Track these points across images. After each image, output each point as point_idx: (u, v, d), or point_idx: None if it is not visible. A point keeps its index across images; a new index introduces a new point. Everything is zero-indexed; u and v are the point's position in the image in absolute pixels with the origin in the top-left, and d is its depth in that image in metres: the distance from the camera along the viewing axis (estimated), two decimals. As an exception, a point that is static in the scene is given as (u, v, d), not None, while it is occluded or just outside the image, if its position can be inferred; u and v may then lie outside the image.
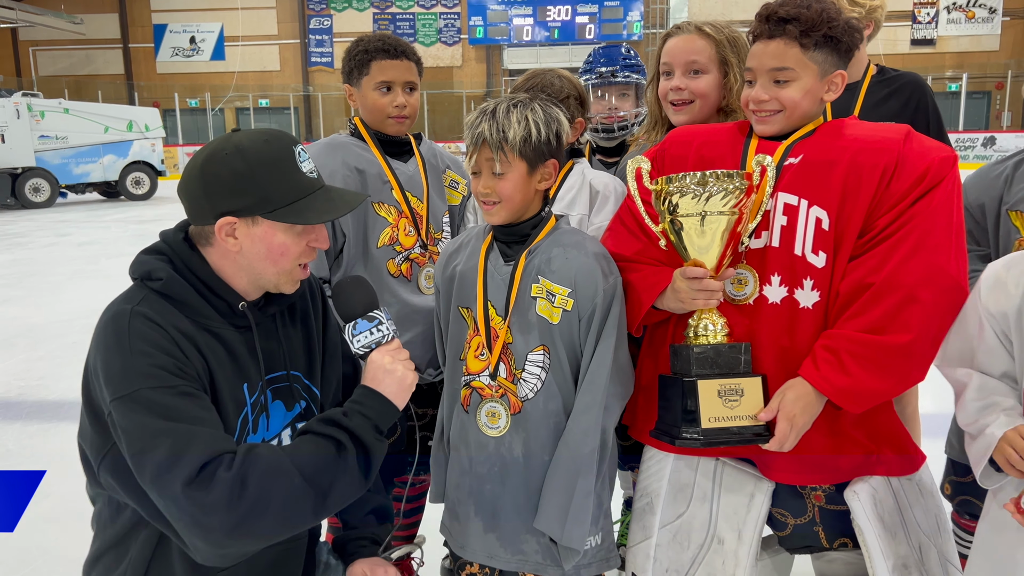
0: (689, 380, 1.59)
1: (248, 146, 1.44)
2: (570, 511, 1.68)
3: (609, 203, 2.15)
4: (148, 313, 1.40)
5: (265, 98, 27.73)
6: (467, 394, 1.79)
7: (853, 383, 1.55)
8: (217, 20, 27.89)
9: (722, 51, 2.07)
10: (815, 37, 1.62)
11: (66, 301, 7.41)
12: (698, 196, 1.56)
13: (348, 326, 1.57)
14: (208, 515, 1.28)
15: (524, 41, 26.88)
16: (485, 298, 1.75)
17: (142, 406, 1.31)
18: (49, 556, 2.96)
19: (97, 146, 18.37)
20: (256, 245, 1.46)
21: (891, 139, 1.64)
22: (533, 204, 1.75)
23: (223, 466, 1.30)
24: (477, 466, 1.78)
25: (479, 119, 1.69)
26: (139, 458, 1.31)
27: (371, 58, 2.20)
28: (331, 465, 1.40)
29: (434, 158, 2.41)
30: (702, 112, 2.10)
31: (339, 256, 2.22)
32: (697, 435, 1.57)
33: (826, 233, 1.62)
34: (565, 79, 2.25)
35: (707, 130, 1.85)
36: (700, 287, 1.60)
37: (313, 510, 1.38)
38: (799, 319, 1.64)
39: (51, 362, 5.57)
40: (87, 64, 28.14)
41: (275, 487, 1.32)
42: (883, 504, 1.65)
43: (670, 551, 1.77)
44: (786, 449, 1.58)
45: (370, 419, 1.47)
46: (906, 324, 1.54)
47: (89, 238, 12.16)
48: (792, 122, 1.70)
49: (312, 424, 1.45)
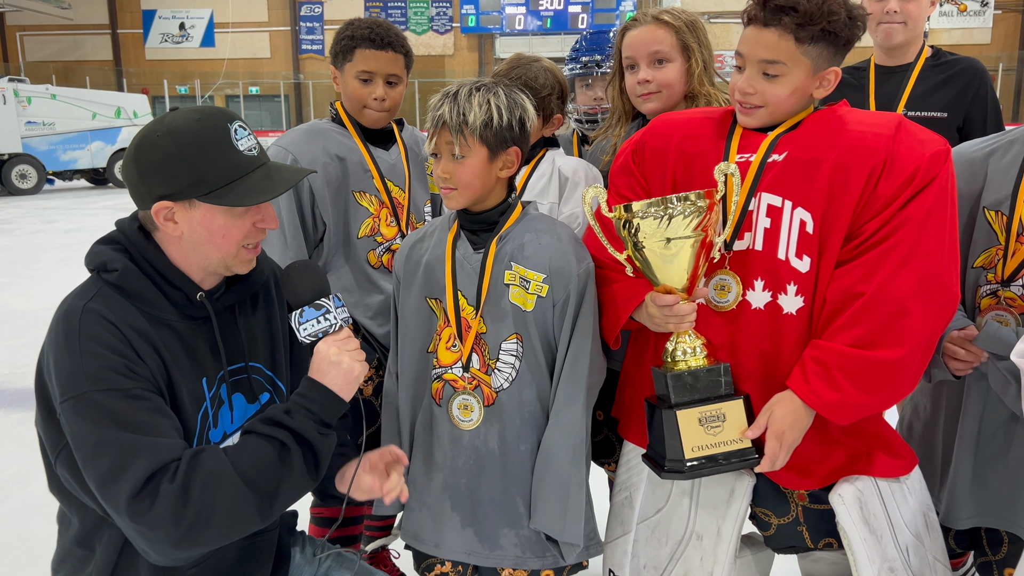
0: (668, 411, 1.55)
1: (180, 126, 1.38)
2: (568, 507, 1.67)
3: (579, 189, 2.12)
4: (100, 310, 1.36)
5: (255, 85, 27.53)
6: (439, 387, 1.75)
7: (843, 398, 1.51)
8: (207, 6, 27.65)
9: (683, 37, 2.05)
10: (812, 31, 1.52)
11: (52, 288, 7.29)
12: (659, 219, 1.49)
13: (295, 314, 1.47)
14: (153, 529, 1.26)
15: (516, 30, 26.74)
16: (455, 288, 1.71)
17: (90, 410, 1.29)
18: (30, 545, 2.94)
19: (85, 132, 18.20)
20: (197, 229, 1.41)
21: (880, 135, 1.56)
22: (496, 191, 1.71)
23: (167, 478, 1.28)
24: (451, 460, 1.75)
25: (440, 101, 1.65)
26: (85, 465, 1.30)
27: (356, 45, 2.16)
28: (275, 467, 1.35)
29: (417, 146, 2.38)
30: (670, 99, 2.08)
31: (319, 245, 2.20)
32: (680, 467, 1.54)
33: (810, 236, 1.56)
34: (550, 73, 2.21)
35: (689, 120, 1.77)
36: (671, 313, 1.56)
37: (259, 514, 1.35)
38: (783, 325, 1.59)
39: (35, 350, 5.40)
40: (75, 50, 27.87)
41: (219, 495, 1.30)
42: (868, 506, 1.62)
43: (648, 547, 1.75)
44: (777, 467, 1.54)
45: (314, 414, 1.40)
46: (898, 338, 1.49)
47: (76, 225, 12.06)
48: (776, 118, 1.63)
49: (255, 424, 1.39)
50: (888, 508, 1.64)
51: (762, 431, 1.54)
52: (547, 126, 2.22)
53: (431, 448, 1.78)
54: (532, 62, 2.23)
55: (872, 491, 1.63)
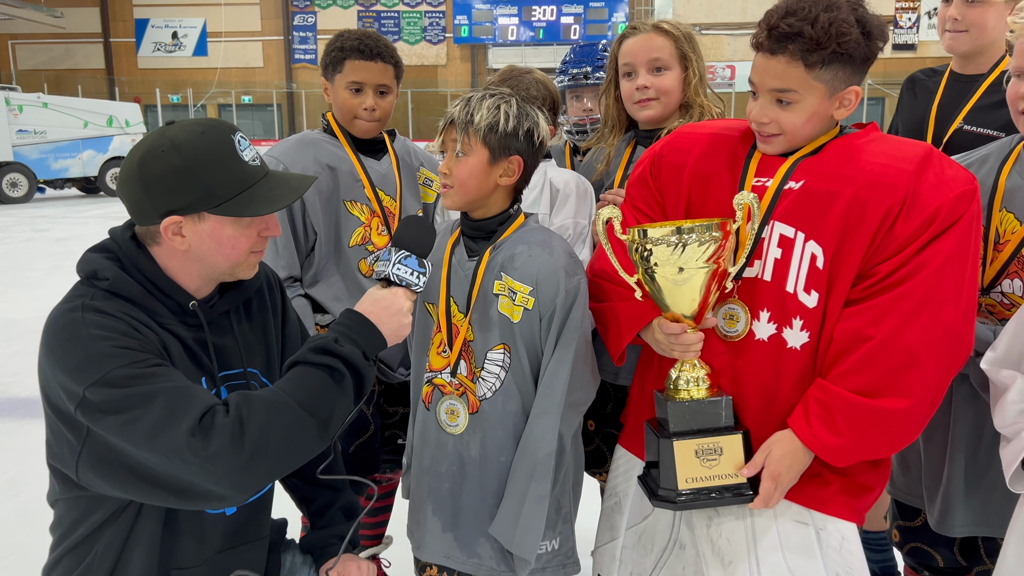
0: (665, 440, 1.54)
1: (184, 140, 1.38)
2: (520, 518, 1.66)
3: (570, 201, 2.14)
4: (100, 307, 1.36)
5: (248, 94, 27.52)
6: (429, 391, 1.78)
7: (844, 444, 1.48)
8: (200, 15, 27.65)
9: (681, 47, 2.09)
10: (822, 55, 1.43)
11: (43, 297, 7.26)
12: (673, 246, 1.46)
13: (398, 253, 1.51)
14: (215, 461, 1.27)
15: (509, 41, 26.83)
16: (448, 293, 1.73)
17: (120, 382, 1.28)
18: (21, 553, 2.93)
19: (76, 141, 18.15)
20: (205, 241, 1.42)
21: (903, 170, 1.47)
22: (496, 199, 1.72)
23: (220, 414, 1.29)
24: (437, 464, 1.77)
25: (457, 103, 1.70)
26: (133, 425, 1.27)
27: (345, 56, 2.19)
28: (329, 391, 1.37)
29: (408, 156, 2.40)
30: (667, 108, 2.11)
31: (310, 254, 2.21)
32: (672, 497, 1.53)
33: (820, 272, 1.50)
34: (540, 84, 2.24)
35: (708, 138, 1.70)
36: (676, 342, 1.54)
37: (319, 436, 1.37)
38: (786, 359, 1.55)
39: (25, 358, 5.46)
40: (67, 58, 27.81)
41: (276, 421, 1.31)
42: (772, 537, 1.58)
43: (635, 554, 1.75)
44: (771, 507, 1.52)
45: (359, 345, 1.43)
46: (905, 389, 1.44)
47: (67, 234, 12.02)
48: (795, 144, 1.56)
49: (303, 355, 1.41)
50: (787, 557, 1.57)
51: (758, 470, 1.52)
52: None
53: (421, 450, 1.80)
54: (523, 74, 2.26)
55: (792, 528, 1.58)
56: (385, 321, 1.47)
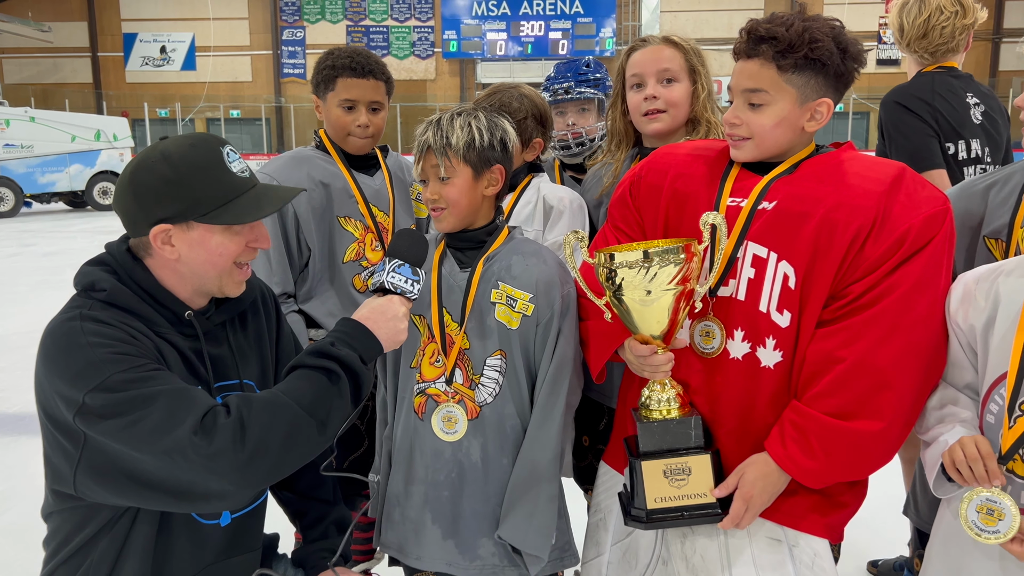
0: (634, 459, 1.56)
1: (174, 151, 1.44)
2: (535, 519, 1.71)
3: (564, 218, 2.17)
4: (98, 316, 1.39)
5: (236, 109, 27.51)
6: (421, 402, 1.79)
7: (819, 466, 1.49)
8: (189, 30, 27.65)
9: (690, 60, 2.09)
10: (793, 59, 1.49)
11: (29, 312, 7.28)
12: (639, 269, 1.47)
13: (393, 261, 1.57)
14: (216, 459, 1.29)
15: (498, 56, 26.96)
16: (440, 305, 1.77)
17: (119, 386, 1.31)
18: (10, 570, 2.91)
19: (64, 155, 18.11)
20: (194, 250, 1.46)
21: (872, 191, 1.49)
22: (483, 211, 1.77)
23: (221, 414, 1.32)
24: (434, 474, 1.78)
25: (425, 128, 1.73)
26: (134, 428, 1.29)
27: (337, 75, 2.20)
28: (327, 393, 1.41)
29: (401, 171, 2.42)
30: (675, 121, 2.10)
31: (304, 270, 2.22)
32: (642, 516, 1.56)
33: (792, 292, 1.51)
34: (526, 98, 2.25)
35: (686, 158, 1.72)
36: (646, 363, 1.57)
37: (319, 436, 1.40)
38: (760, 378, 1.56)
39: (12, 374, 5.48)
40: (55, 72, 27.73)
41: (276, 422, 1.34)
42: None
43: (620, 569, 1.76)
44: (741, 528, 1.54)
45: (355, 350, 1.47)
46: (878, 411, 1.46)
47: (54, 248, 11.98)
48: (764, 150, 1.59)
49: (302, 359, 1.45)
50: (760, 574, 1.58)
51: (730, 491, 1.53)
52: (528, 150, 2.25)
53: (412, 462, 1.81)
54: (510, 88, 2.28)
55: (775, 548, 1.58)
56: (381, 326, 1.52)
